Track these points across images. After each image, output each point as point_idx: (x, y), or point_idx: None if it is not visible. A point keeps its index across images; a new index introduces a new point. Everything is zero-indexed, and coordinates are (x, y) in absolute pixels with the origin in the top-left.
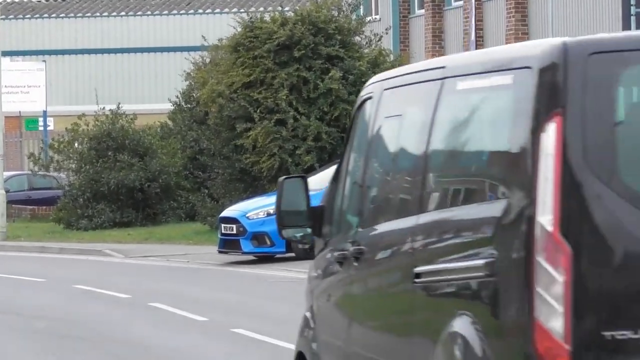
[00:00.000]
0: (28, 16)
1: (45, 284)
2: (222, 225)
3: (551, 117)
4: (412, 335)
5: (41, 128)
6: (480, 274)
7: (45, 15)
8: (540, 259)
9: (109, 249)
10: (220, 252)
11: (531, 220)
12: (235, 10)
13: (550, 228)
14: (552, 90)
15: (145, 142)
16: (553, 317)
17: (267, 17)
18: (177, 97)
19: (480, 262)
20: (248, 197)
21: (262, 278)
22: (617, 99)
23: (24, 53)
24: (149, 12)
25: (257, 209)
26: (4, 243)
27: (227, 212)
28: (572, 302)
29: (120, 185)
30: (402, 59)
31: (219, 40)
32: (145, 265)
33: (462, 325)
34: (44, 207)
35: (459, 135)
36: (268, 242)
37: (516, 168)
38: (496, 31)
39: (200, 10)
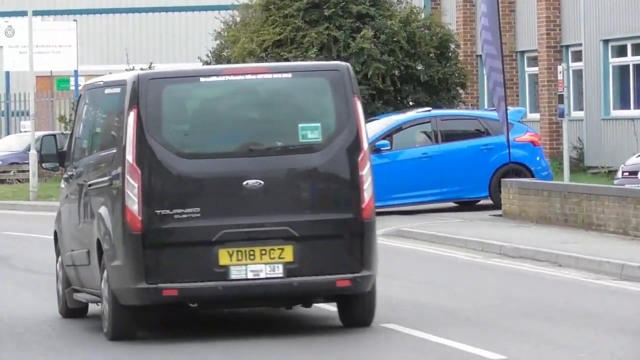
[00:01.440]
0: None
1: None
2: None
3: (132, 108)
4: (87, 216)
5: (72, 88)
6: (107, 184)
7: None
8: (127, 176)
9: None
10: None
11: (124, 157)
12: None
13: (131, 161)
14: (133, 95)
15: None
16: (133, 204)
17: None
18: (207, 55)
19: (107, 178)
20: None
21: None
22: (162, 100)
23: (55, 12)
24: None
25: None
26: (36, 203)
27: None
28: (142, 197)
29: None
30: (434, 16)
31: None
32: None
33: (103, 209)
34: None
35: (106, 116)
36: None
37: (119, 132)
38: None
39: None
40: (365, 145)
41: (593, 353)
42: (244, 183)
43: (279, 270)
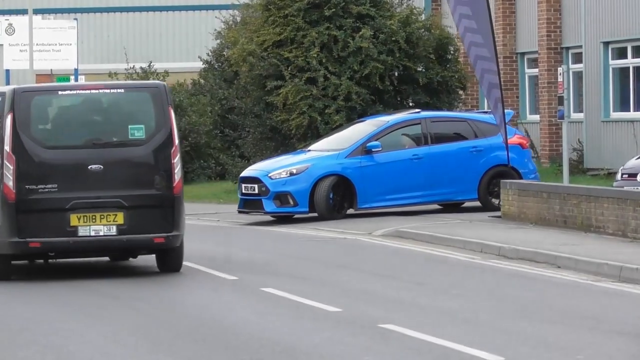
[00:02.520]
0: None
1: None
2: (243, 185)
3: (9, 112)
4: None
5: None
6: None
7: None
8: (6, 161)
9: None
10: (240, 212)
11: (3, 148)
12: None
13: (8, 150)
14: (10, 103)
15: (175, 100)
16: (9, 181)
17: None
18: (207, 54)
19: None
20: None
21: (290, 237)
22: (31, 106)
23: (55, 11)
24: None
25: (279, 168)
26: None
27: (248, 172)
28: (15, 176)
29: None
30: (434, 18)
31: None
32: None
33: None
34: None
35: None
36: (291, 202)
37: (1, 130)
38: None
39: None
40: (177, 141)
41: (591, 355)
42: (89, 167)
43: (113, 230)
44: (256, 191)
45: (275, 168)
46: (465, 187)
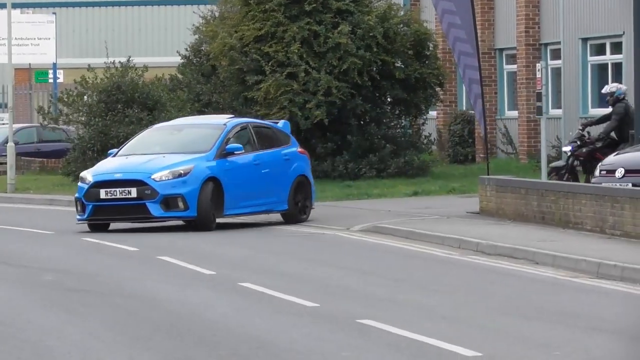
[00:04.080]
0: None
1: (53, 236)
2: (102, 190)
3: None
4: None
5: (51, 80)
6: None
7: None
8: None
9: None
10: (91, 222)
11: None
12: None
13: None
14: None
15: (154, 95)
16: None
17: None
18: (186, 49)
19: None
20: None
21: (270, 232)
22: None
23: (34, 5)
24: None
25: (161, 169)
26: (13, 195)
27: (110, 176)
28: None
29: (129, 138)
30: (413, 13)
31: None
32: None
33: None
34: (53, 160)
35: None
36: (181, 206)
37: None
38: None
39: None
40: None
41: (568, 351)
42: None
43: None
44: (133, 195)
45: (156, 169)
46: (280, 197)
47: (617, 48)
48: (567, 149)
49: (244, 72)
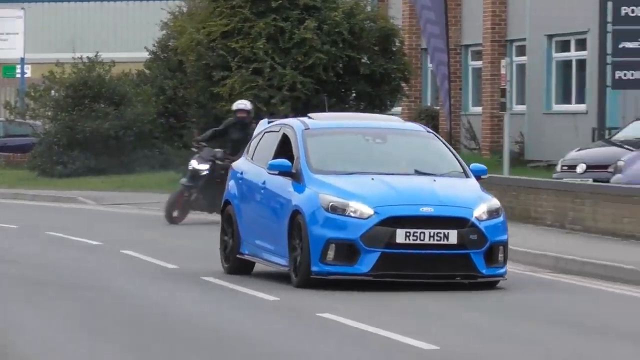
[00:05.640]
0: None
1: (17, 230)
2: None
3: None
4: None
5: (18, 75)
6: None
7: None
8: None
9: (82, 196)
10: None
11: None
12: None
13: None
14: None
15: (121, 90)
16: None
17: None
18: (153, 45)
19: None
20: None
21: None
22: None
23: (3, 0)
24: None
25: (475, 202)
26: None
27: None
28: None
29: (95, 133)
30: (380, 9)
31: None
32: (118, 213)
33: None
34: (19, 155)
35: None
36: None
37: None
38: None
39: None
40: None
41: (526, 345)
42: None
43: None
44: (452, 240)
45: (472, 201)
46: None
47: (581, 45)
48: (203, 167)
49: (210, 67)
